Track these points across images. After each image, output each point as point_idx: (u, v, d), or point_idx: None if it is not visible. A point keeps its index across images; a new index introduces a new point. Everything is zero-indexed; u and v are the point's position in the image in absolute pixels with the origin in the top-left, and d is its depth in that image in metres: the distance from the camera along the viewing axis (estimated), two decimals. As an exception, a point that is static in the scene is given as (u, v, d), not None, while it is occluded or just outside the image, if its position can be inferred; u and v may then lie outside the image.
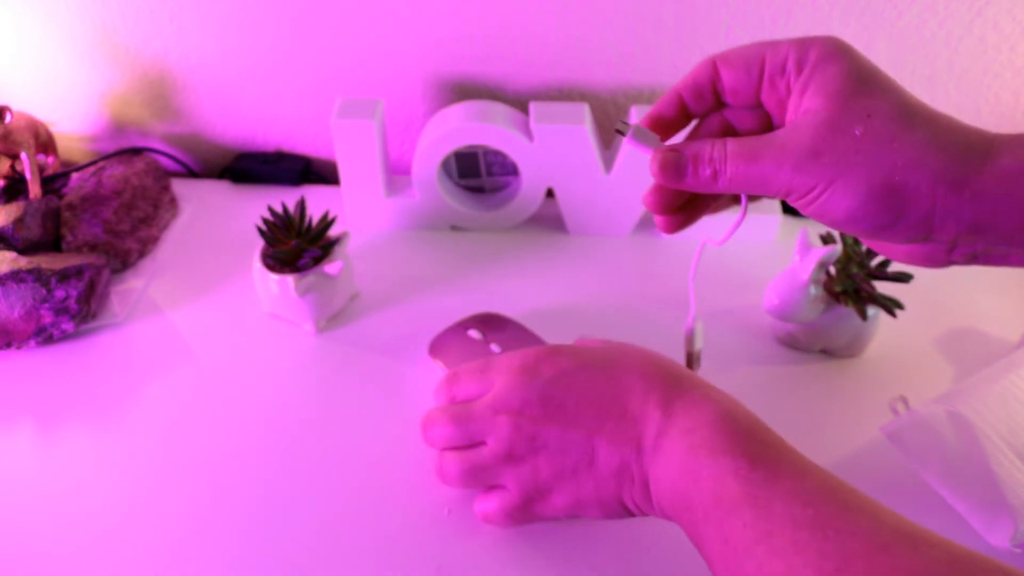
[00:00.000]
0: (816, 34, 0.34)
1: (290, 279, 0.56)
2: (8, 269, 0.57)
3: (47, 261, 0.59)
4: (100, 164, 0.72)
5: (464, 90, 0.72)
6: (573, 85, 0.71)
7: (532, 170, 0.66)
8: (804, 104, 0.32)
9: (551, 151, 0.65)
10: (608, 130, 0.72)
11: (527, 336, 0.56)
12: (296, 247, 0.57)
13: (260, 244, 0.59)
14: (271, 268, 0.57)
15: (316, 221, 0.59)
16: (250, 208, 0.72)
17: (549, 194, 0.68)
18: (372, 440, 0.52)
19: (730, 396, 0.39)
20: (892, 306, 0.54)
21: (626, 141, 0.37)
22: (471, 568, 0.44)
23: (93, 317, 0.59)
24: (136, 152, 0.75)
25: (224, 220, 0.71)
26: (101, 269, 0.61)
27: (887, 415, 0.49)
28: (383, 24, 0.69)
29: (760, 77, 0.35)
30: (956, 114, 0.70)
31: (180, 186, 0.75)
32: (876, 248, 0.36)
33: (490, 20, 0.68)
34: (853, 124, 0.31)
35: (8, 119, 0.65)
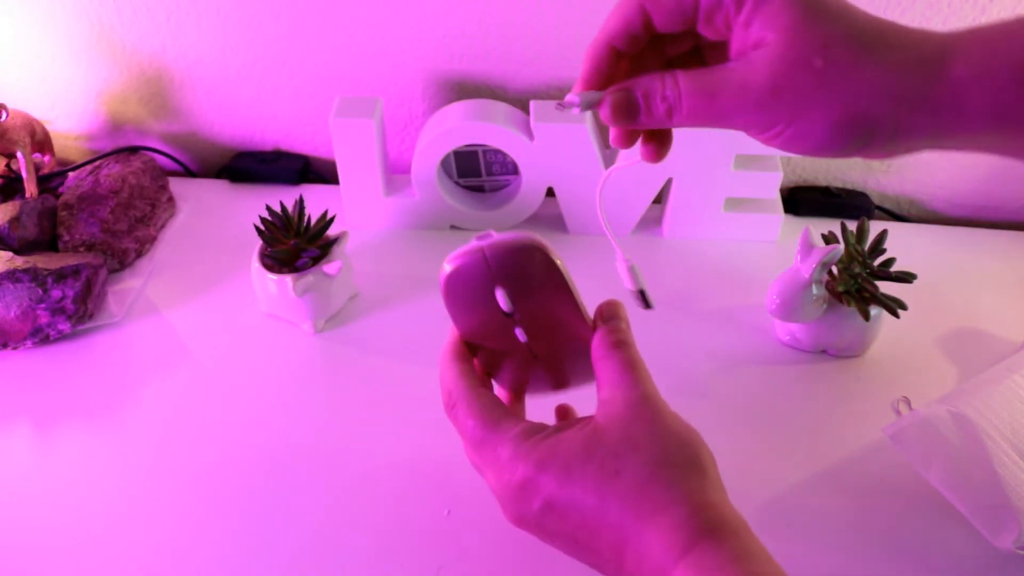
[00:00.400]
0: None
1: (288, 279, 0.56)
2: (4, 269, 0.56)
3: (43, 261, 0.58)
4: (97, 163, 0.72)
5: (464, 89, 0.72)
6: (574, 84, 0.71)
7: (532, 169, 0.66)
8: (752, 37, 0.31)
9: (551, 150, 0.64)
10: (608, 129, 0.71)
11: (568, 319, 0.39)
12: (295, 247, 0.56)
13: (258, 244, 0.59)
14: (269, 268, 0.57)
15: (315, 220, 0.58)
16: (248, 207, 0.71)
17: (549, 193, 0.68)
18: (371, 440, 0.51)
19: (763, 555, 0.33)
20: (895, 306, 0.54)
21: (578, 113, 0.36)
22: (471, 568, 0.44)
23: (90, 317, 0.59)
24: (133, 151, 0.74)
25: (222, 220, 0.71)
26: (98, 269, 0.60)
27: (890, 416, 0.48)
28: (382, 22, 0.69)
29: (695, 14, 0.33)
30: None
31: (178, 185, 0.75)
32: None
33: (490, 18, 0.67)
34: (811, 56, 0.30)
35: (4, 117, 0.65)
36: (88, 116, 0.77)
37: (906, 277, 0.54)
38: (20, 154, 0.66)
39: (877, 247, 0.55)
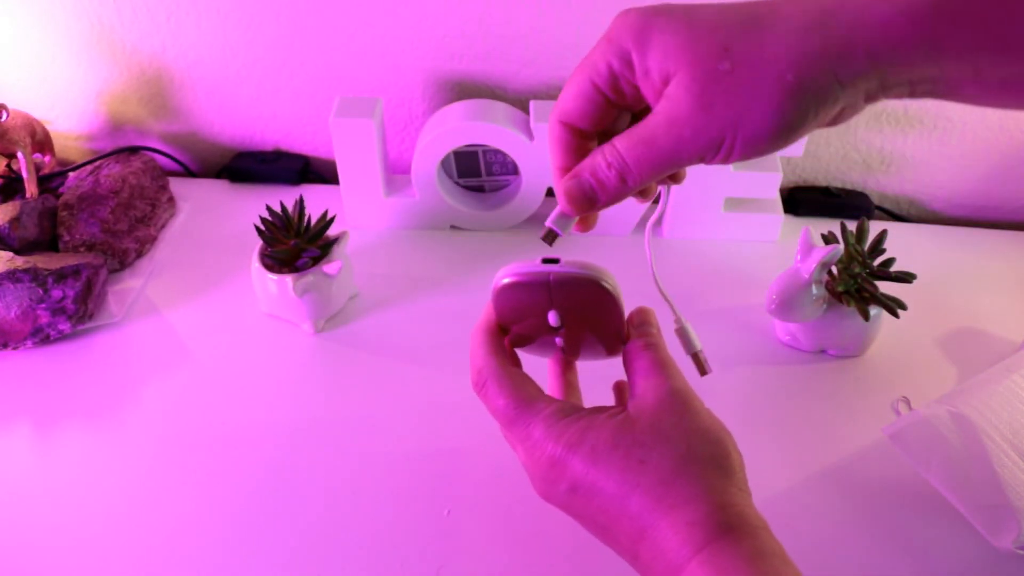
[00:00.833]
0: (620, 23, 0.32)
1: (289, 279, 0.56)
2: (4, 269, 0.56)
3: (44, 261, 0.58)
4: (97, 163, 0.72)
5: (464, 89, 0.72)
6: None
7: (532, 169, 0.66)
8: (657, 80, 0.31)
9: (551, 150, 0.64)
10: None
11: (608, 336, 0.41)
12: (295, 247, 0.56)
13: (258, 244, 0.59)
14: (269, 268, 0.57)
15: (315, 221, 0.58)
16: (248, 207, 0.71)
17: (549, 194, 0.68)
18: (371, 441, 0.51)
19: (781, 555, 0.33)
20: (895, 306, 0.54)
21: (563, 235, 0.39)
22: (471, 568, 0.44)
23: (90, 317, 0.59)
24: (133, 151, 0.74)
25: (222, 220, 0.71)
26: (98, 269, 0.60)
27: (889, 415, 0.48)
28: (382, 22, 0.69)
29: (605, 100, 0.34)
30: (959, 113, 0.71)
31: (178, 185, 0.75)
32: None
33: (490, 18, 0.67)
34: (716, 64, 0.30)
35: (4, 117, 0.65)
36: (88, 116, 0.77)
37: (906, 277, 0.54)
38: (20, 154, 0.66)
39: (877, 247, 0.55)
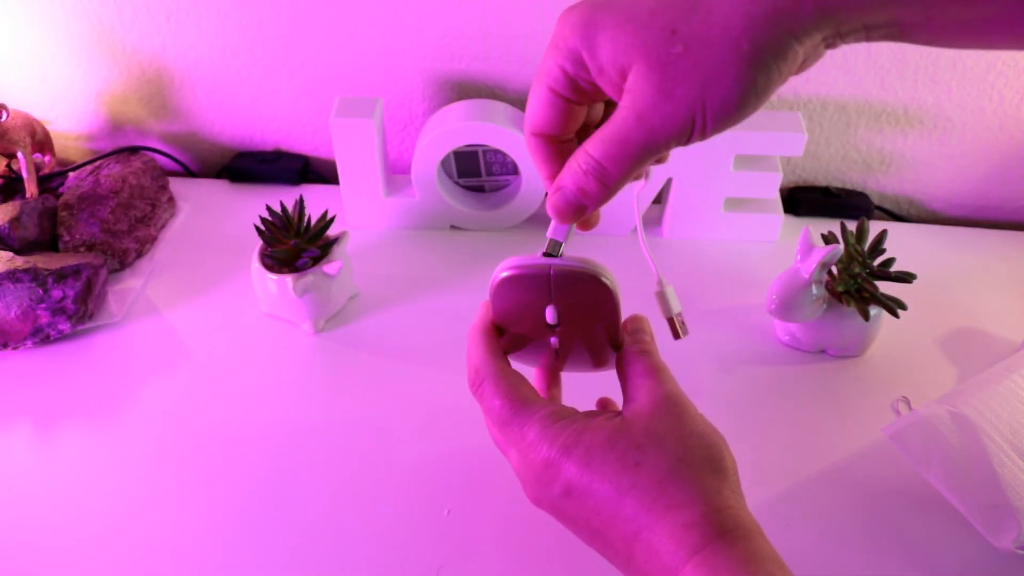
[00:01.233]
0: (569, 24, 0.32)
1: (289, 279, 0.56)
2: (4, 269, 0.56)
3: (44, 261, 0.58)
4: (97, 163, 0.72)
5: (464, 89, 0.72)
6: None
7: (532, 169, 0.66)
8: (614, 74, 0.31)
9: (551, 150, 0.64)
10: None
11: (604, 338, 0.40)
12: (295, 247, 0.56)
13: (258, 244, 0.59)
14: (269, 268, 0.57)
15: (315, 221, 0.58)
16: (248, 207, 0.71)
17: (549, 193, 0.68)
18: (371, 441, 0.51)
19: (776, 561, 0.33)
20: (894, 306, 0.54)
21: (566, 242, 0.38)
22: (471, 568, 0.44)
23: (90, 317, 0.59)
24: (133, 151, 0.74)
25: (222, 220, 0.71)
26: (98, 269, 0.60)
27: (889, 415, 0.48)
28: (382, 22, 0.68)
29: (569, 102, 0.34)
30: (959, 113, 0.71)
31: (178, 185, 0.75)
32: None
33: (490, 18, 0.67)
34: (668, 48, 0.29)
35: (4, 117, 0.65)
36: (88, 116, 0.77)
37: (906, 277, 0.54)
38: (20, 154, 0.66)
39: (877, 247, 0.55)
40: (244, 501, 0.48)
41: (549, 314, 0.39)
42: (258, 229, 0.57)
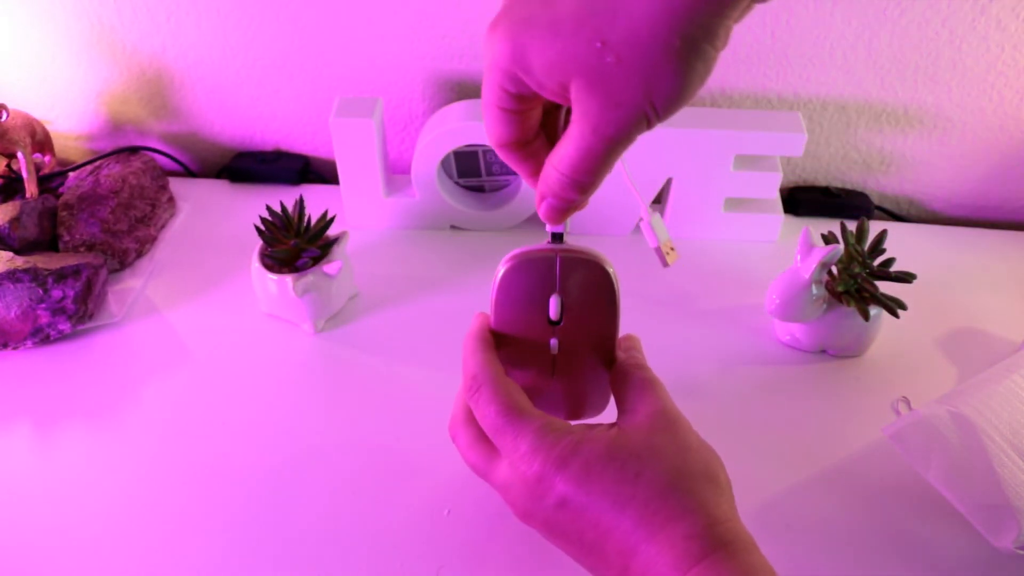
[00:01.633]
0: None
1: (289, 279, 0.56)
2: (4, 269, 0.56)
3: (44, 261, 0.58)
4: (97, 163, 0.72)
5: (464, 88, 0.72)
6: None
7: (532, 169, 0.66)
8: (554, 85, 0.31)
9: (551, 150, 0.64)
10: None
11: (601, 343, 0.41)
12: (295, 247, 0.56)
13: (258, 244, 0.59)
14: (269, 268, 0.57)
15: (315, 221, 0.58)
16: (248, 207, 0.71)
17: (549, 193, 0.68)
18: (371, 441, 0.51)
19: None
20: (894, 306, 0.54)
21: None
22: (471, 568, 0.44)
23: (90, 317, 0.59)
24: (133, 151, 0.74)
25: (222, 220, 0.71)
26: (98, 269, 0.60)
27: (889, 415, 0.48)
28: (382, 22, 0.68)
29: (522, 114, 0.34)
30: (959, 113, 0.71)
31: (178, 185, 0.75)
32: None
33: (490, 17, 0.67)
34: (602, 60, 0.29)
35: (4, 117, 0.65)
36: (88, 116, 0.77)
37: (906, 277, 0.54)
38: (20, 154, 0.66)
39: (877, 247, 0.55)
40: (244, 501, 0.48)
41: (552, 306, 0.39)
42: (258, 229, 0.57)
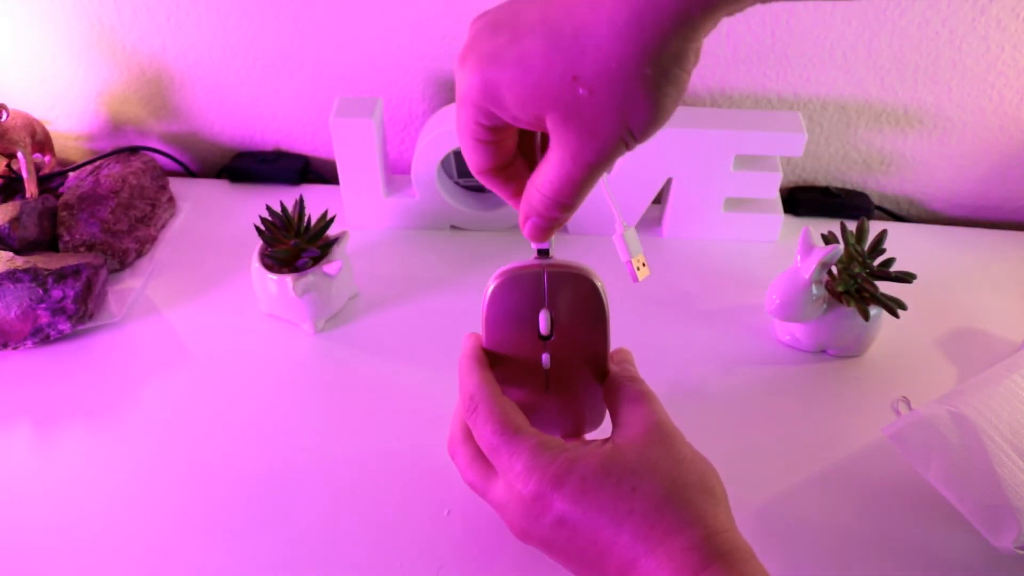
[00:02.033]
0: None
1: (289, 279, 0.56)
2: (4, 269, 0.56)
3: (44, 261, 0.58)
4: (97, 163, 0.72)
5: (464, 88, 0.72)
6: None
7: (532, 169, 0.66)
8: (529, 118, 0.32)
9: (551, 150, 0.64)
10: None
11: (593, 357, 0.41)
12: (295, 247, 0.56)
13: (258, 244, 0.59)
14: (269, 268, 0.57)
15: (315, 221, 0.58)
16: (248, 207, 0.71)
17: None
18: (371, 441, 0.51)
19: None
20: (894, 306, 0.54)
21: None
22: (472, 568, 0.44)
23: (90, 317, 0.59)
24: (133, 151, 0.74)
25: (222, 220, 0.71)
26: (98, 269, 0.60)
27: (889, 415, 0.48)
28: (382, 22, 0.69)
29: (498, 143, 0.35)
30: (959, 113, 0.71)
31: (178, 185, 0.75)
32: None
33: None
34: (576, 94, 0.30)
35: (4, 117, 0.65)
36: (88, 116, 0.77)
37: (906, 277, 0.54)
38: (20, 154, 0.66)
39: (877, 247, 0.55)
40: (244, 501, 0.48)
41: (543, 321, 0.39)
42: (258, 229, 0.57)
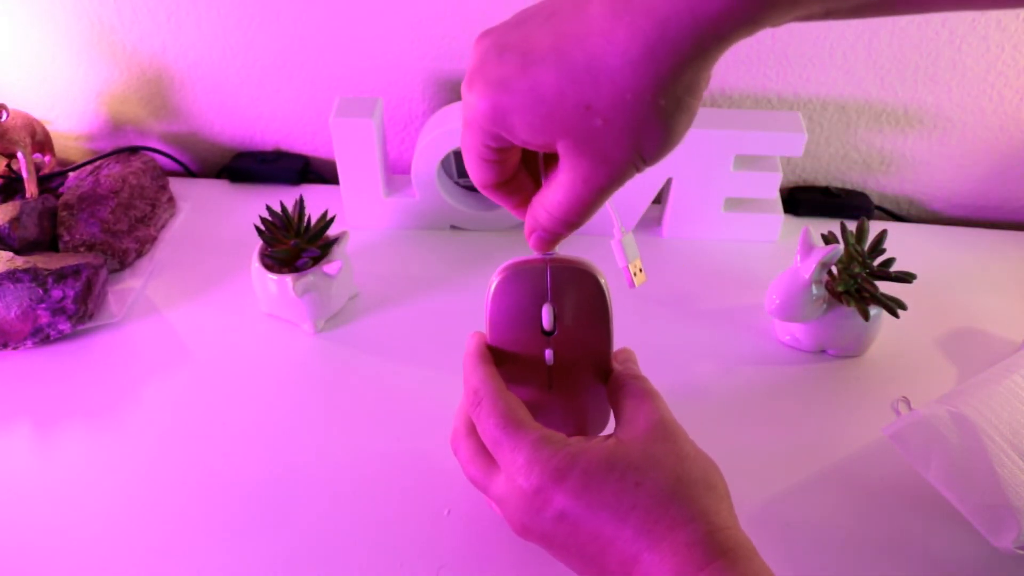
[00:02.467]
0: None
1: (289, 279, 0.56)
2: (4, 269, 0.56)
3: (44, 261, 0.58)
4: (97, 163, 0.72)
5: (464, 88, 0.72)
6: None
7: (532, 169, 0.66)
8: (539, 143, 0.32)
9: (551, 150, 0.64)
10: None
11: (596, 353, 0.41)
12: (295, 247, 0.56)
13: (258, 244, 0.59)
14: (269, 268, 0.57)
15: (315, 221, 0.58)
16: (248, 207, 0.71)
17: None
18: (371, 441, 0.51)
19: None
20: (894, 306, 0.54)
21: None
22: (472, 568, 0.44)
23: (90, 317, 0.59)
24: (133, 151, 0.74)
25: (222, 220, 0.71)
26: (98, 269, 0.60)
27: (889, 416, 0.48)
28: (382, 22, 0.68)
29: (503, 162, 0.35)
30: (959, 113, 0.71)
31: (178, 185, 0.75)
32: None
33: (491, 17, 0.67)
34: (590, 124, 0.30)
35: (4, 117, 0.65)
36: (88, 116, 0.77)
37: (906, 277, 0.54)
38: (20, 154, 0.66)
39: (877, 247, 0.55)
40: (244, 501, 0.48)
41: (545, 316, 0.39)
42: (258, 229, 0.57)
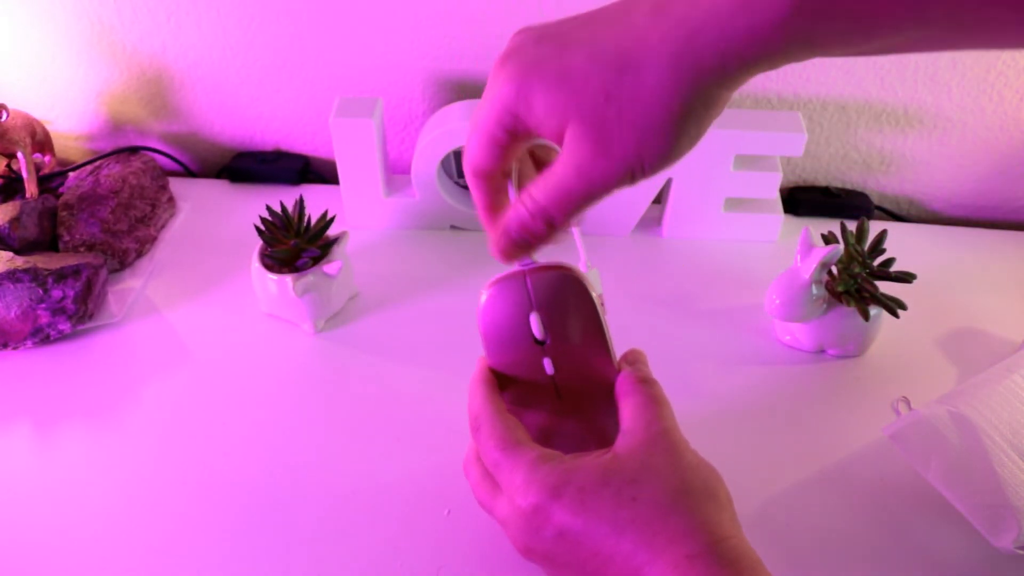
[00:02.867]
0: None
1: (288, 279, 0.56)
2: (4, 269, 0.56)
3: (44, 261, 0.58)
4: (97, 163, 0.72)
5: (464, 88, 0.72)
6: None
7: (532, 169, 0.66)
8: (551, 127, 0.32)
9: (551, 150, 0.64)
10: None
11: (595, 354, 0.40)
12: (295, 247, 0.56)
13: (258, 244, 0.59)
14: (269, 268, 0.57)
15: (315, 221, 0.58)
16: (248, 207, 0.71)
17: (549, 193, 0.68)
18: (371, 441, 0.51)
19: None
20: (894, 306, 0.54)
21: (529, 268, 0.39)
22: (472, 568, 0.44)
23: (90, 317, 0.59)
24: (133, 151, 0.74)
25: (222, 220, 0.71)
26: (98, 269, 0.60)
27: (889, 416, 0.48)
28: (382, 22, 0.69)
29: (508, 146, 0.35)
30: (959, 113, 0.71)
31: (178, 185, 0.75)
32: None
33: (491, 17, 0.67)
34: (605, 112, 0.30)
35: (4, 117, 0.65)
36: (88, 116, 0.77)
37: (906, 277, 0.54)
38: (20, 154, 0.66)
39: (877, 247, 0.55)
40: (244, 501, 0.48)
41: (535, 325, 0.39)
42: (258, 229, 0.57)
